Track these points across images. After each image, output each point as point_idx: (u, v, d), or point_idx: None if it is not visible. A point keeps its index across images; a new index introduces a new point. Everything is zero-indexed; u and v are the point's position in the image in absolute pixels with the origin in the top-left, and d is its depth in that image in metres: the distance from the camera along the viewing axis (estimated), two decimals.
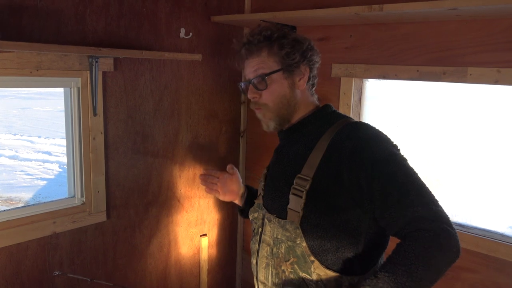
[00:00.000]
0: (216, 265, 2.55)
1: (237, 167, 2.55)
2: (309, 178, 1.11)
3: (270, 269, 1.20)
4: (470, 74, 1.71)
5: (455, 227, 1.83)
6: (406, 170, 1.06)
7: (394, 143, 1.14)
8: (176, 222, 2.28)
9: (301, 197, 1.11)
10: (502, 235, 1.75)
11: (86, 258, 1.92)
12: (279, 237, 1.16)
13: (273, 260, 1.19)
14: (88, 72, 1.77)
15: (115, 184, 1.98)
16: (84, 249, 1.91)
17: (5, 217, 1.66)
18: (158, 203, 2.17)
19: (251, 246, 1.32)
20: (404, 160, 1.09)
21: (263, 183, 1.32)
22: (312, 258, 1.10)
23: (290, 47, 1.19)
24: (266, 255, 1.21)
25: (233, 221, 2.61)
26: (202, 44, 2.22)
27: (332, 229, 1.09)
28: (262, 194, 1.31)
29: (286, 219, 1.15)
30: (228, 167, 1.50)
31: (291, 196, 1.14)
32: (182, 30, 2.11)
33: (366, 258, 1.12)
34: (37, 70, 1.64)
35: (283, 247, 1.15)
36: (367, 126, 1.17)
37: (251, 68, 1.22)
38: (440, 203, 1.05)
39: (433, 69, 1.80)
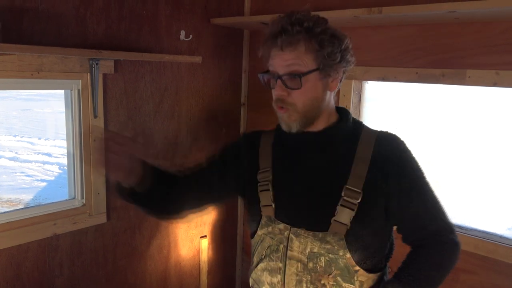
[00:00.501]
0: (216, 266, 2.56)
1: None
2: (360, 191, 1.06)
3: (306, 285, 1.10)
4: (469, 76, 1.71)
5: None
6: (429, 185, 1.15)
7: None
8: (176, 223, 2.28)
9: (353, 210, 1.06)
10: (501, 236, 1.76)
11: (86, 260, 1.92)
12: (315, 251, 1.08)
13: (309, 276, 1.10)
14: (88, 74, 1.78)
15: None
16: (85, 251, 1.91)
17: (6, 219, 1.66)
18: None
19: (266, 264, 1.17)
20: (424, 173, 1.16)
21: (271, 192, 1.15)
22: (357, 268, 1.08)
23: (331, 46, 1.04)
24: (296, 272, 1.11)
25: (233, 222, 2.61)
26: (202, 46, 2.23)
27: (371, 237, 1.10)
28: (273, 206, 1.14)
29: (326, 231, 1.07)
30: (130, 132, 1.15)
31: (340, 208, 1.06)
32: (182, 33, 2.12)
33: (388, 255, 1.21)
34: (38, 73, 1.65)
35: (323, 261, 1.08)
36: (398, 137, 1.18)
37: (284, 62, 1.04)
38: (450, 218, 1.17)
39: (432, 71, 1.80)
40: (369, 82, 2.09)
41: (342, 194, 1.07)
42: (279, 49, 1.04)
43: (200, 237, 2.43)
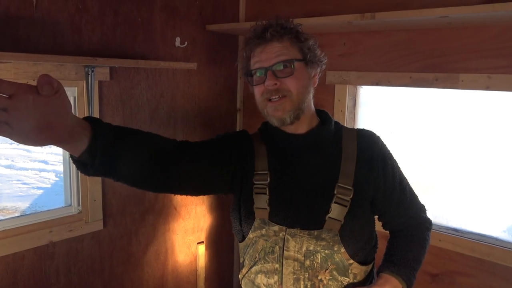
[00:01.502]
0: (213, 272, 2.55)
1: None
2: (351, 187, 1.13)
3: (303, 282, 1.13)
4: (462, 80, 1.73)
5: (450, 232, 1.86)
6: (403, 173, 1.27)
7: None
8: (173, 229, 2.28)
9: (346, 206, 1.11)
10: (497, 239, 1.77)
11: (82, 267, 1.92)
12: (311, 248, 1.11)
13: (306, 273, 1.12)
14: (84, 81, 1.79)
15: (112, 192, 1.98)
16: (81, 258, 1.91)
17: (1, 227, 1.66)
18: (155, 211, 2.18)
19: (261, 266, 1.18)
20: (398, 163, 1.28)
21: (267, 196, 1.15)
22: (351, 261, 1.13)
23: (312, 41, 1.15)
24: (293, 270, 1.13)
25: (229, 228, 2.60)
26: (197, 52, 2.24)
27: (361, 229, 1.17)
28: (268, 209, 1.15)
29: (321, 228, 1.10)
30: (42, 80, 0.69)
31: (334, 205, 1.11)
32: (178, 39, 2.13)
33: (374, 247, 1.27)
34: (34, 80, 1.65)
35: (319, 257, 1.12)
36: (375, 134, 1.26)
37: (272, 54, 1.09)
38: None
39: (426, 75, 1.82)
40: (363, 86, 2.11)
41: (335, 192, 1.12)
42: (266, 42, 1.10)
43: (197, 243, 2.43)
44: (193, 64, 2.07)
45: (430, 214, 1.33)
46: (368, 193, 1.17)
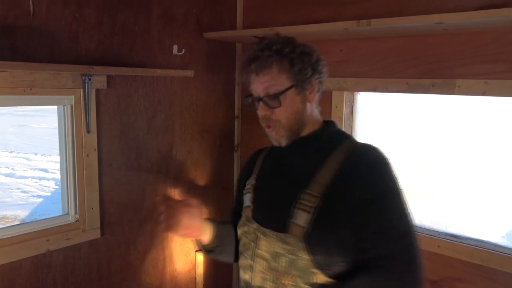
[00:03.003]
0: (211, 280, 2.54)
1: (232, 181, 2.58)
2: (318, 195, 1.11)
3: (269, 283, 1.17)
4: (459, 86, 1.73)
5: (449, 238, 1.85)
6: (400, 206, 1.10)
7: (395, 171, 1.14)
8: (171, 237, 2.27)
9: (310, 212, 1.11)
10: (496, 245, 1.76)
11: (80, 276, 1.91)
12: (277, 251, 1.14)
13: (271, 275, 1.16)
14: (81, 89, 1.79)
15: (109, 201, 1.98)
16: (78, 267, 1.90)
17: None
18: (153, 219, 2.17)
19: (240, 262, 1.28)
20: (401, 194, 1.11)
21: (251, 195, 1.26)
22: (315, 270, 1.11)
23: (301, 62, 1.15)
24: (262, 269, 1.18)
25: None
26: (194, 60, 2.25)
27: (335, 245, 1.11)
28: (251, 207, 1.24)
29: (286, 232, 1.13)
30: (180, 194, 1.22)
31: (296, 211, 1.12)
32: (175, 47, 2.14)
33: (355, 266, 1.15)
34: (31, 89, 1.65)
35: (283, 261, 1.13)
36: (377, 150, 1.17)
37: (261, 85, 1.16)
38: (419, 251, 1.08)
39: (422, 81, 1.82)
40: (360, 93, 2.11)
41: (300, 197, 1.13)
42: (254, 74, 1.16)
43: (196, 251, 2.42)
44: (190, 72, 2.07)
45: (429, 220, 1.25)
46: (341, 207, 1.10)
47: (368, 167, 1.12)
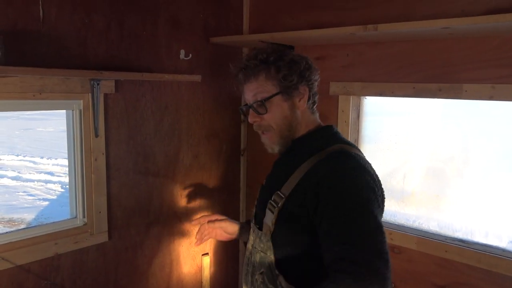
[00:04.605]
0: (218, 284, 2.54)
1: (238, 185, 2.58)
2: (284, 197, 1.15)
3: (247, 276, 1.26)
4: (466, 91, 1.73)
5: (457, 243, 1.84)
6: (360, 211, 1.03)
7: (371, 184, 1.09)
8: (178, 241, 2.28)
9: (273, 212, 1.17)
10: (504, 250, 1.75)
11: (87, 279, 1.92)
12: (256, 246, 1.23)
13: (250, 269, 1.25)
14: (89, 94, 1.81)
15: (117, 205, 1.99)
16: (86, 270, 1.91)
17: (7, 239, 1.67)
18: (160, 222, 2.18)
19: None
20: (366, 204, 1.05)
21: (257, 198, 1.38)
22: (277, 272, 1.15)
23: (287, 69, 1.19)
24: (247, 262, 1.28)
25: (235, 239, 2.60)
26: (201, 65, 2.26)
27: (296, 249, 1.15)
28: (256, 204, 1.36)
29: (261, 230, 1.22)
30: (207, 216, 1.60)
31: (267, 210, 1.20)
32: (182, 52, 2.16)
33: (321, 275, 1.09)
34: (40, 94, 1.67)
35: (258, 257, 1.22)
36: (348, 157, 1.13)
37: (250, 93, 1.22)
38: (388, 263, 0.98)
39: (429, 86, 1.82)
40: (367, 97, 2.11)
41: (272, 198, 1.19)
42: (244, 83, 1.24)
43: (202, 255, 2.42)
44: (197, 77, 2.08)
45: (436, 225, 1.21)
46: (298, 210, 1.10)
47: (330, 173, 1.10)
